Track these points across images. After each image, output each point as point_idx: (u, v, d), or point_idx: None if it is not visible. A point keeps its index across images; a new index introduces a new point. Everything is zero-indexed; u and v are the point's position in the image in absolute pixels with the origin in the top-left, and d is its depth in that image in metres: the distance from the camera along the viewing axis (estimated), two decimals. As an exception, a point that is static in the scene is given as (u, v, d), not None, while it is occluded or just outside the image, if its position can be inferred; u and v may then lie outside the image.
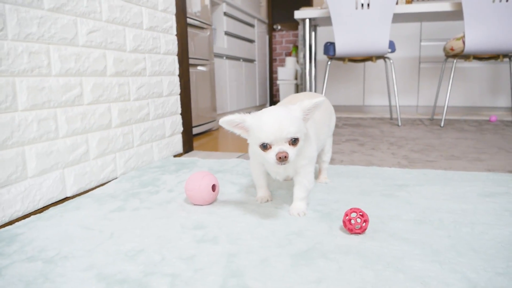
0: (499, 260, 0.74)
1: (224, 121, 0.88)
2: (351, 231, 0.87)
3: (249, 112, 0.91)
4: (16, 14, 1.02)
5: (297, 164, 0.97)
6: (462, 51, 2.59)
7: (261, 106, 4.44)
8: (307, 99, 0.96)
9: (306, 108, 0.89)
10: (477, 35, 2.50)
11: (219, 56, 3.20)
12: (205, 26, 2.60)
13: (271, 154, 0.83)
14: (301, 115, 0.89)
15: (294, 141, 0.85)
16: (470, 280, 0.67)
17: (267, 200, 1.11)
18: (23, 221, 1.00)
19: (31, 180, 1.07)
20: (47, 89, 1.12)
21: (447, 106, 2.78)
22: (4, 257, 0.80)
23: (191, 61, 2.36)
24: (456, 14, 2.83)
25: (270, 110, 0.88)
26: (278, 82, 4.37)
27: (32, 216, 1.03)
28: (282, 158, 0.82)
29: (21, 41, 1.04)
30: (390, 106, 3.29)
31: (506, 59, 2.94)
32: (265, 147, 0.84)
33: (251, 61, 4.10)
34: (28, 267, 0.76)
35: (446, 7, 2.70)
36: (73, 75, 1.21)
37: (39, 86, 1.09)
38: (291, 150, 0.83)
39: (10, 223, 1.00)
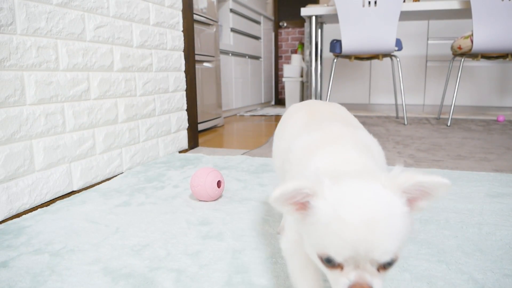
0: (506, 262, 0.73)
1: (287, 190, 0.42)
2: (357, 229, 0.85)
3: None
4: (25, 9, 1.02)
5: None
6: (470, 49, 2.56)
7: (266, 104, 4.43)
8: (330, 108, 0.70)
9: (405, 186, 0.42)
10: (485, 33, 2.47)
11: (225, 52, 3.20)
12: (211, 22, 2.60)
13: (341, 281, 0.42)
14: (403, 203, 0.42)
15: (387, 265, 0.42)
16: (477, 281, 0.66)
17: None
18: (30, 214, 1.01)
19: (39, 173, 1.08)
20: (55, 84, 1.12)
21: (454, 105, 2.75)
22: (12, 249, 0.81)
23: (197, 58, 2.35)
24: (464, 12, 2.80)
25: (358, 188, 0.42)
26: (283, 79, 4.36)
27: (39, 209, 1.04)
28: None
29: (29, 35, 1.04)
30: (396, 104, 3.27)
31: (515, 59, 2.91)
32: (331, 263, 0.42)
33: (257, 58, 4.09)
34: (35, 259, 0.76)
35: (454, 5, 2.68)
36: (80, 70, 1.22)
37: (47, 80, 1.10)
38: (377, 281, 0.42)
39: (18, 215, 1.00)
